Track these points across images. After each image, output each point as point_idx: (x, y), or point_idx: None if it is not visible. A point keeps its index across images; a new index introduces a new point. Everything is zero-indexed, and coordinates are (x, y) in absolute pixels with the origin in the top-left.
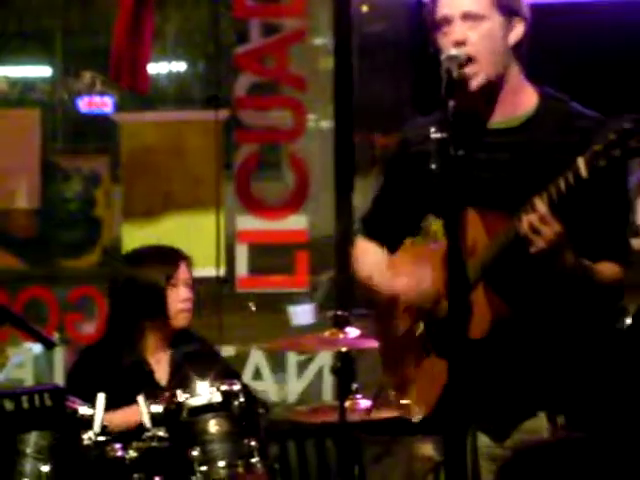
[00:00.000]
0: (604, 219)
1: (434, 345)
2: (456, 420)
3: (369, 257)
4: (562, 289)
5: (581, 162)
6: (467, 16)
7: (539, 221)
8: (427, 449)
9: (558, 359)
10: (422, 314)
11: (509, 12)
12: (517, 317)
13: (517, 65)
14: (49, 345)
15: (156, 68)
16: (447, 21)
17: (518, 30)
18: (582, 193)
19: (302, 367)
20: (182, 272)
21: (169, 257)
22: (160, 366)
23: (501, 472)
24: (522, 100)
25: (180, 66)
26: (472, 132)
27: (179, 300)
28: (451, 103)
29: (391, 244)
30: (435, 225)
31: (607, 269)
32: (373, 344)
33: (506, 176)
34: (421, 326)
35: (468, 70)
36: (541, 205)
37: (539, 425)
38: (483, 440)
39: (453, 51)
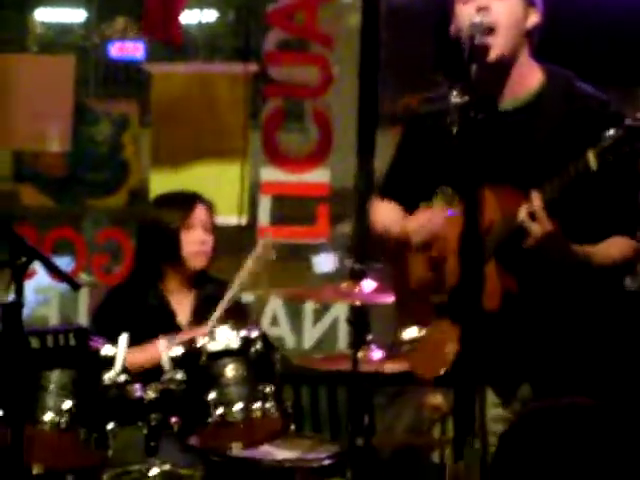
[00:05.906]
0: (614, 199)
1: (449, 311)
2: (467, 375)
3: (385, 212)
4: (563, 272)
5: (591, 156)
6: None
7: (529, 217)
8: (436, 399)
9: (563, 332)
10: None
11: (529, 1)
12: (525, 293)
13: (527, 47)
14: (75, 286)
15: (187, 17)
16: None
17: (534, 18)
18: (592, 179)
19: (318, 316)
20: (198, 214)
21: (184, 200)
22: (182, 308)
23: (506, 434)
24: (529, 79)
25: (210, 16)
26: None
27: (194, 242)
28: (473, 67)
29: (407, 206)
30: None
31: (617, 246)
32: (388, 298)
33: (515, 154)
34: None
35: (488, 40)
36: (537, 200)
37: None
38: (490, 398)
39: (477, 18)
